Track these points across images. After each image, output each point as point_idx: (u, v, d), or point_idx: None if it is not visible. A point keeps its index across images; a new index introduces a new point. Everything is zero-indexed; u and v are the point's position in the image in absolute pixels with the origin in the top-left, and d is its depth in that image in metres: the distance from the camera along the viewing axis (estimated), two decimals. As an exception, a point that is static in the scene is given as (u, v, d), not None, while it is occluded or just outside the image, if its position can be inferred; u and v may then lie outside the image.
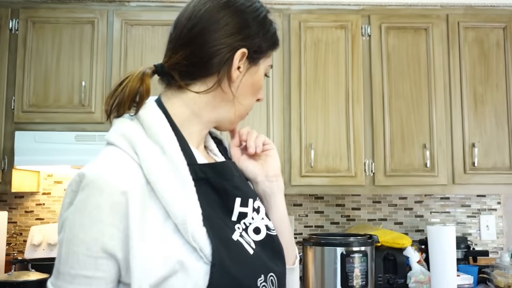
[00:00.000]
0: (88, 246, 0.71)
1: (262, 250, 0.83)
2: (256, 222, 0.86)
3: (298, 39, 2.56)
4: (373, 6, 2.61)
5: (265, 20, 0.89)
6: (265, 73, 0.91)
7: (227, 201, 0.83)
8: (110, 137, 0.80)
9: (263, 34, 0.88)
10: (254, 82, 0.88)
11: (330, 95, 2.54)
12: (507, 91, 2.57)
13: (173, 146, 0.79)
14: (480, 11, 2.62)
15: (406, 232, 2.82)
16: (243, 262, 0.78)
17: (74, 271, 0.72)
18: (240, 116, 0.90)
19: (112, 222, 0.72)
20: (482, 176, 2.52)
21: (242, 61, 0.85)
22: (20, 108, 2.45)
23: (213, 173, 0.83)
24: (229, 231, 0.80)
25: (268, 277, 0.81)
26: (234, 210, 0.83)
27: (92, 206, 0.72)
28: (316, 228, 2.84)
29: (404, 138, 2.53)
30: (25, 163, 2.39)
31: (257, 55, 0.87)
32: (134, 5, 2.55)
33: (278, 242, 0.88)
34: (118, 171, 0.74)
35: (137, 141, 0.77)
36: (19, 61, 2.47)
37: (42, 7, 2.53)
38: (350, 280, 2.20)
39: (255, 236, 0.84)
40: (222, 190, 0.83)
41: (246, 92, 0.87)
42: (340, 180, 2.50)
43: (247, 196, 0.86)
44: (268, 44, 0.89)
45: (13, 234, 2.69)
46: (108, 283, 0.73)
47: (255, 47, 0.86)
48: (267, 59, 0.90)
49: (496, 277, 2.40)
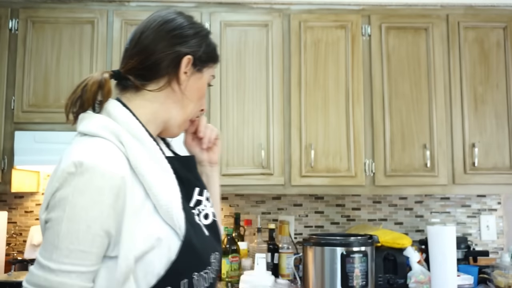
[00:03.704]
0: (89, 224, 0.81)
1: (210, 233, 1.00)
2: (207, 209, 1.02)
3: (298, 39, 2.56)
4: (373, 6, 2.61)
5: (207, 37, 1.04)
6: (208, 83, 1.06)
7: (188, 189, 0.98)
8: (90, 128, 0.89)
9: (205, 47, 1.02)
10: (199, 87, 1.03)
11: (330, 95, 2.54)
12: (507, 91, 2.57)
13: (150, 141, 0.91)
14: (480, 11, 2.62)
15: (406, 232, 2.82)
16: (203, 241, 0.94)
17: (73, 246, 0.80)
18: (185, 121, 1.03)
19: (111, 203, 0.82)
20: (482, 176, 2.52)
21: (188, 67, 0.99)
22: (20, 108, 2.45)
23: (180, 164, 0.98)
24: (193, 215, 0.96)
25: (215, 255, 0.99)
26: (193, 198, 0.99)
27: (94, 189, 0.81)
28: (316, 228, 2.84)
29: (404, 138, 2.53)
30: (25, 163, 2.39)
31: (200, 63, 1.02)
32: (134, 5, 2.55)
33: (218, 227, 1.06)
34: (113, 158, 0.85)
35: (120, 133, 0.88)
36: (19, 61, 2.47)
37: (42, 7, 2.53)
38: (350, 280, 2.19)
39: (204, 220, 1.00)
40: (186, 180, 0.98)
41: (193, 95, 1.02)
42: (340, 180, 2.50)
43: (203, 187, 1.04)
44: (208, 57, 1.03)
45: (13, 234, 2.69)
46: (98, 258, 0.83)
47: (198, 56, 1.00)
48: (209, 69, 1.05)
49: (496, 277, 2.39)
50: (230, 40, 2.56)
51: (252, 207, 2.83)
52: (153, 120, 0.98)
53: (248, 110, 2.52)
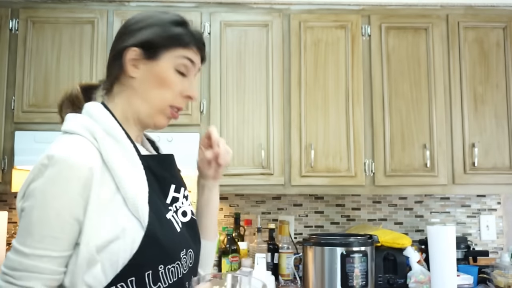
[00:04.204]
0: (59, 211, 0.87)
1: (187, 230, 1.03)
2: (185, 207, 1.06)
3: (298, 39, 2.56)
4: (373, 6, 2.61)
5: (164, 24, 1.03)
6: (177, 69, 1.02)
7: (164, 186, 1.02)
8: (70, 127, 0.97)
9: (159, 32, 1.01)
10: (157, 73, 1.01)
11: (330, 95, 2.54)
12: (507, 91, 2.58)
13: (124, 139, 0.97)
14: (480, 11, 2.62)
15: (406, 232, 2.82)
16: (172, 236, 0.97)
17: (45, 232, 0.87)
18: (157, 111, 1.02)
19: (79, 191, 0.88)
20: (482, 176, 2.52)
21: (134, 57, 1.01)
22: (20, 108, 2.45)
23: (155, 162, 1.02)
24: (164, 210, 0.98)
25: (188, 252, 1.01)
26: (169, 195, 1.03)
27: (63, 179, 0.88)
28: (316, 228, 2.85)
29: (404, 138, 2.53)
30: (25, 163, 2.39)
31: (154, 50, 1.01)
32: (134, 5, 2.55)
33: (197, 226, 1.10)
34: (83, 151, 0.91)
35: (96, 130, 0.95)
36: (19, 61, 2.48)
37: (42, 7, 2.53)
38: (350, 280, 2.20)
39: (182, 218, 1.03)
40: (161, 177, 1.02)
41: (150, 83, 1.01)
42: (340, 180, 2.50)
43: (180, 184, 1.07)
44: (165, 40, 1.01)
45: (13, 234, 2.69)
46: (69, 244, 0.88)
47: (148, 44, 1.00)
48: (171, 53, 1.02)
49: (496, 277, 2.40)
50: (230, 40, 2.56)
51: (252, 207, 2.84)
52: (126, 118, 1.03)
53: (248, 110, 2.52)
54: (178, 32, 1.03)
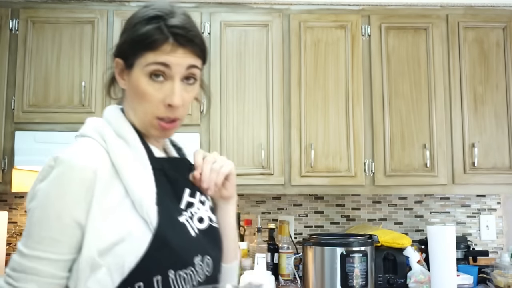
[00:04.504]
0: (59, 212, 0.84)
1: (204, 237, 0.95)
2: (201, 212, 0.98)
3: (298, 39, 2.56)
4: (373, 6, 2.61)
5: (134, 25, 0.93)
6: (151, 73, 0.91)
7: (177, 190, 0.96)
8: (83, 130, 0.96)
9: (127, 38, 0.94)
10: (133, 86, 0.93)
11: (330, 95, 2.54)
12: (507, 91, 2.58)
13: (135, 141, 0.93)
14: (480, 11, 2.62)
15: (406, 232, 2.82)
16: (184, 239, 0.90)
17: (44, 233, 0.84)
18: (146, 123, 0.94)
19: (80, 193, 0.85)
20: (482, 176, 2.52)
21: (121, 70, 0.96)
22: (20, 108, 2.45)
23: (168, 165, 0.97)
24: (176, 213, 0.92)
25: (204, 258, 0.93)
26: (183, 199, 0.96)
27: (65, 180, 0.86)
28: (316, 228, 2.85)
29: (404, 138, 2.53)
30: (25, 163, 2.39)
31: (129, 60, 0.93)
32: (134, 5, 2.55)
33: (218, 234, 1.01)
34: (89, 153, 0.89)
35: (106, 133, 0.92)
36: (19, 61, 2.48)
37: (42, 7, 2.53)
38: (350, 280, 2.20)
39: (198, 224, 0.96)
40: (175, 181, 0.96)
41: (132, 97, 0.95)
42: (340, 180, 2.50)
43: (196, 189, 0.99)
44: (132, 47, 0.92)
45: (13, 234, 2.69)
46: (70, 248, 0.85)
47: (124, 54, 0.95)
48: (141, 59, 0.91)
49: (496, 277, 2.40)
50: (230, 40, 2.56)
51: (252, 207, 2.84)
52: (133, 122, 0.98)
53: (248, 110, 2.52)
54: (144, 32, 0.90)
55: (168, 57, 0.90)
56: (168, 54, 0.90)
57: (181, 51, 0.91)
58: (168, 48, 0.90)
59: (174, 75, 0.91)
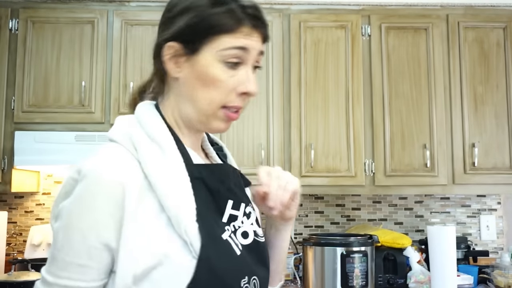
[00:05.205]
0: (84, 234, 0.74)
1: (248, 254, 0.84)
2: (245, 226, 0.87)
3: (298, 39, 2.56)
4: (373, 6, 2.61)
5: (197, 8, 0.82)
6: (225, 61, 0.82)
7: (219, 202, 0.84)
8: (112, 134, 0.83)
9: (192, 21, 0.82)
10: (200, 73, 0.82)
11: (330, 95, 2.54)
12: (507, 91, 2.57)
13: (170, 146, 0.81)
14: (480, 11, 2.62)
15: (406, 232, 2.81)
16: (229, 261, 0.79)
17: (69, 258, 0.74)
18: (208, 114, 0.84)
19: (107, 211, 0.74)
20: (482, 176, 2.52)
21: (172, 54, 0.84)
22: (20, 108, 2.45)
23: (208, 173, 0.84)
24: (219, 230, 0.81)
25: (251, 280, 0.83)
26: (226, 212, 0.84)
27: (89, 196, 0.75)
28: (316, 228, 2.84)
29: (404, 138, 2.53)
30: (25, 163, 2.39)
31: (194, 45, 0.82)
32: (134, 5, 2.55)
33: (264, 249, 0.90)
34: (116, 164, 0.77)
35: (138, 139, 0.80)
36: (19, 61, 2.47)
37: (42, 7, 2.53)
38: (350, 280, 2.20)
39: (242, 240, 0.85)
40: (216, 191, 0.84)
41: (193, 85, 0.83)
42: (340, 180, 2.50)
43: (240, 200, 0.88)
44: (200, 31, 0.81)
45: (13, 234, 2.69)
46: (100, 273, 0.75)
47: (184, 38, 0.82)
48: (211, 44, 0.81)
49: (496, 277, 2.39)
50: (230, 40, 2.56)
51: (252, 207, 2.83)
52: (176, 122, 0.88)
53: (248, 110, 2.52)
54: (217, 14, 0.81)
55: (246, 40, 0.82)
56: (245, 38, 0.82)
57: (256, 34, 0.83)
58: (245, 30, 0.82)
59: (248, 60, 0.84)
